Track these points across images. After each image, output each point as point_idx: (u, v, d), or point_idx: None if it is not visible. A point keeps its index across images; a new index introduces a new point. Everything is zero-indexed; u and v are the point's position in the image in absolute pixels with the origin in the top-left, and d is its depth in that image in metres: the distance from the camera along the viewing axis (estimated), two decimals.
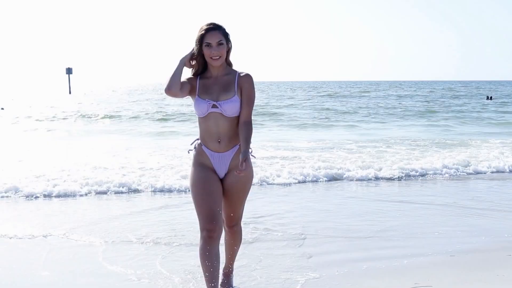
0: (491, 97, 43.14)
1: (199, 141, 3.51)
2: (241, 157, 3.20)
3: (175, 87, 3.35)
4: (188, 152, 3.61)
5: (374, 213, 6.53)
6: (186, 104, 30.24)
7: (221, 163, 3.43)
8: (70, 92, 60.73)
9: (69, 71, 62.08)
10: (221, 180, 3.49)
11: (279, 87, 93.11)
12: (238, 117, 3.38)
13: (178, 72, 3.37)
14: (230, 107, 3.32)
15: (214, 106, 3.33)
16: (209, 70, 3.42)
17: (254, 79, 3.45)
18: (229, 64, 3.48)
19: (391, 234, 5.55)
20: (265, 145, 13.23)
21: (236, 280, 4.04)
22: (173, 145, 13.39)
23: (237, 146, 3.43)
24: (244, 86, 3.37)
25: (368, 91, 63.68)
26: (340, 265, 4.51)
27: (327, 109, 31.04)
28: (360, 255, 4.82)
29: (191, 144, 3.57)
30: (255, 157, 3.55)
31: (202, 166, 3.45)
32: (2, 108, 30.46)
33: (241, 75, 3.40)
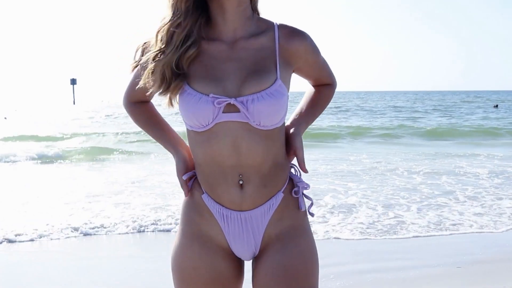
0: (497, 105, 43.20)
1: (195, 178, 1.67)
2: (292, 133, 1.63)
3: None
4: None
5: (379, 223, 6.47)
6: None
7: (245, 233, 1.61)
8: (74, 103, 61.05)
9: (73, 81, 62.55)
10: (253, 265, 1.71)
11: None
12: (281, 129, 1.59)
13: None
14: (269, 107, 1.50)
15: (230, 109, 1.50)
16: (214, 26, 1.58)
17: None
18: (255, 11, 1.65)
19: (396, 245, 5.50)
20: None
21: None
22: None
23: (280, 194, 1.61)
24: (300, 55, 1.61)
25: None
26: (345, 277, 4.45)
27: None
28: (365, 267, 4.76)
29: (183, 177, 1.64)
30: (312, 215, 1.69)
31: (199, 240, 1.62)
32: (5, 118, 30.68)
33: (288, 32, 1.59)
